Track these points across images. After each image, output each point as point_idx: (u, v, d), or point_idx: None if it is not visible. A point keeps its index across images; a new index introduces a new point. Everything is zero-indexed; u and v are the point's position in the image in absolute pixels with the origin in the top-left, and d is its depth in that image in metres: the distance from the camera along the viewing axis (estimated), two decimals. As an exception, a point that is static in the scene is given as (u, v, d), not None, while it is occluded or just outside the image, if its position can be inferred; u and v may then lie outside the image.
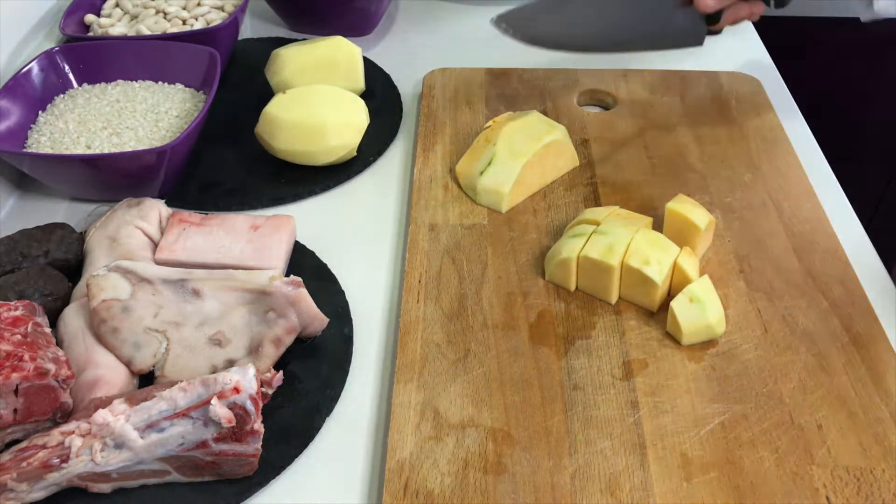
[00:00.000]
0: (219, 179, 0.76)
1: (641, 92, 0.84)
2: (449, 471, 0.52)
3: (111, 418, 0.50)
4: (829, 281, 0.64)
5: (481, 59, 0.90)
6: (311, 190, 0.75)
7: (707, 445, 0.54)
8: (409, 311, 0.62)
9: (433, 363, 0.59)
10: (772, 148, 0.77)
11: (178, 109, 0.77)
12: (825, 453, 0.53)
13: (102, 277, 0.58)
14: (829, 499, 0.51)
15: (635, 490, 0.51)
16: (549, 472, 0.52)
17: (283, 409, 0.56)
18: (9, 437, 0.53)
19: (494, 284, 0.64)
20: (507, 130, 0.72)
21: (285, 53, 0.82)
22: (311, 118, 0.73)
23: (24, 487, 0.49)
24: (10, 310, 0.55)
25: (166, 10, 0.87)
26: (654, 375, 0.58)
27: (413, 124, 0.83)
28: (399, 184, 0.77)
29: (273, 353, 0.57)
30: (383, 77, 0.88)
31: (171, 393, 0.50)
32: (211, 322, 0.58)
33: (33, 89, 0.76)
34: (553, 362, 0.59)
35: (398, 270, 0.68)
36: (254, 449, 0.51)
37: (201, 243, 0.65)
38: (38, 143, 0.73)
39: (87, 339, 0.57)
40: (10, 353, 0.51)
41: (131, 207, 0.67)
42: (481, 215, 0.70)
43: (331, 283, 0.65)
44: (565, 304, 0.63)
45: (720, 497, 0.51)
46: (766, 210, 0.70)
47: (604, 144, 0.78)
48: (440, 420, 0.55)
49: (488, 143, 0.71)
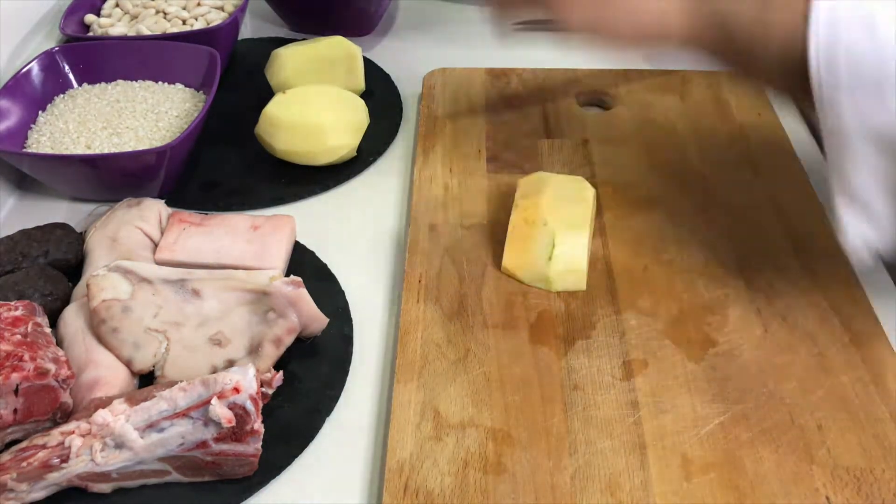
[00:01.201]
0: (219, 179, 0.76)
1: (641, 92, 0.84)
2: (449, 471, 0.52)
3: (111, 418, 0.50)
4: (829, 281, 0.64)
5: (481, 59, 0.90)
6: (311, 190, 0.75)
7: (707, 445, 0.54)
8: (409, 311, 0.62)
9: (433, 363, 0.59)
10: (772, 148, 0.77)
11: (178, 109, 0.77)
12: (825, 453, 0.53)
13: (102, 277, 0.58)
14: (829, 499, 0.51)
15: (635, 490, 0.51)
16: (549, 473, 0.52)
17: (283, 409, 0.56)
18: (9, 437, 0.53)
19: (494, 284, 0.64)
20: (548, 204, 0.64)
21: (285, 53, 0.82)
22: (311, 118, 0.73)
23: (24, 487, 0.49)
24: (10, 310, 0.55)
25: (166, 10, 0.87)
26: (654, 375, 0.58)
27: (413, 124, 0.84)
28: (399, 184, 0.77)
29: (273, 353, 0.57)
30: (383, 77, 0.88)
31: (171, 393, 0.50)
32: (211, 322, 0.58)
33: (33, 89, 0.76)
34: (553, 362, 0.59)
35: (398, 270, 0.68)
36: (254, 449, 0.51)
37: (201, 243, 0.65)
38: (38, 143, 0.73)
39: (87, 339, 0.57)
40: (10, 353, 0.51)
41: (131, 207, 0.67)
42: (481, 215, 0.70)
43: (331, 283, 0.65)
44: (565, 304, 0.63)
45: (720, 497, 0.51)
46: (766, 210, 0.70)
47: (604, 144, 0.78)
48: (440, 420, 0.55)
49: (536, 225, 0.63)
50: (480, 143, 0.78)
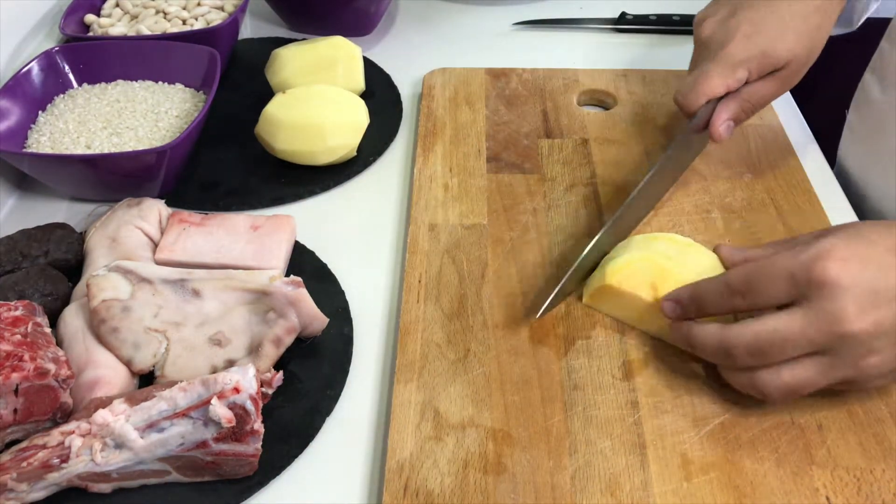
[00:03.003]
0: (219, 179, 0.76)
1: (641, 92, 0.84)
2: (449, 471, 0.52)
3: (111, 418, 0.50)
4: (829, 281, 0.64)
5: (481, 59, 0.90)
6: (311, 190, 0.75)
7: (707, 445, 0.54)
8: (409, 311, 0.62)
9: (433, 363, 0.59)
10: (772, 148, 0.77)
11: (178, 109, 0.77)
12: (825, 453, 0.53)
13: (102, 277, 0.58)
14: (829, 499, 0.51)
15: (635, 490, 0.51)
16: (550, 473, 0.52)
17: (283, 409, 0.56)
18: (9, 437, 0.53)
19: (494, 284, 0.64)
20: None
21: (285, 53, 0.82)
22: (311, 118, 0.73)
23: (24, 487, 0.49)
24: (10, 310, 0.55)
25: (166, 10, 0.87)
26: (654, 375, 0.58)
27: (413, 124, 0.84)
28: (399, 184, 0.77)
29: (273, 353, 0.57)
30: (383, 77, 0.88)
31: (171, 393, 0.51)
32: (211, 322, 0.58)
33: (33, 89, 0.76)
34: (553, 362, 0.59)
35: (398, 270, 0.68)
36: (254, 449, 0.51)
37: (201, 243, 0.65)
38: (38, 143, 0.73)
39: (87, 339, 0.57)
40: (10, 353, 0.51)
41: (131, 207, 0.67)
42: (481, 215, 0.70)
43: (331, 283, 0.65)
44: (565, 304, 0.63)
45: (720, 497, 0.51)
46: (766, 210, 0.70)
47: (604, 144, 0.78)
48: (440, 420, 0.55)
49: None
50: (480, 143, 0.78)
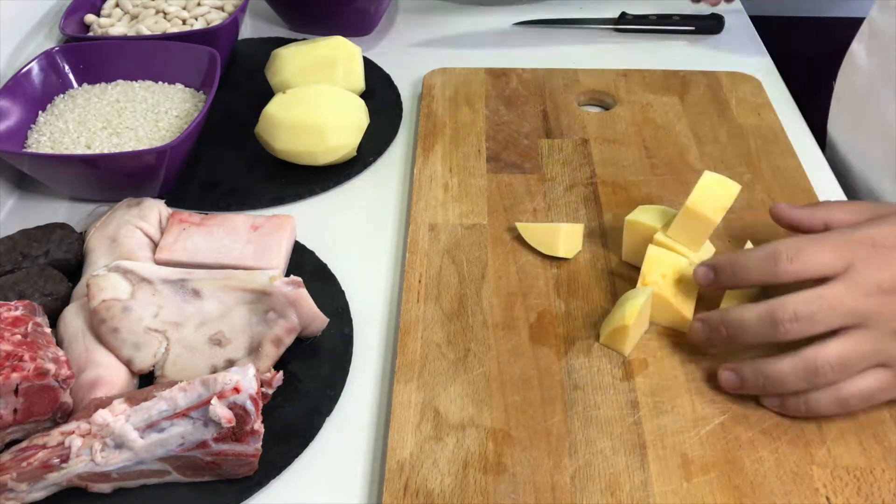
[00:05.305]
0: (219, 179, 0.76)
1: (641, 92, 0.84)
2: (449, 471, 0.52)
3: (111, 418, 0.50)
4: (829, 281, 0.64)
5: (481, 59, 0.90)
6: (311, 190, 0.75)
7: (707, 445, 0.54)
8: (409, 311, 0.62)
9: (433, 363, 0.59)
10: (772, 148, 0.77)
11: (178, 109, 0.77)
12: (825, 453, 0.53)
13: (102, 277, 0.58)
14: (829, 499, 0.51)
15: (635, 490, 0.51)
16: (550, 473, 0.52)
17: (283, 409, 0.56)
18: (9, 437, 0.53)
19: (494, 284, 0.64)
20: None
21: (285, 53, 0.82)
22: (311, 118, 0.73)
23: (24, 487, 0.49)
24: (10, 310, 0.55)
25: (166, 10, 0.87)
26: (654, 375, 0.58)
27: (413, 124, 0.84)
28: (399, 184, 0.77)
29: (273, 353, 0.57)
30: (383, 77, 0.88)
31: (171, 393, 0.50)
32: (211, 322, 0.58)
33: (33, 89, 0.76)
34: (553, 362, 0.59)
35: (398, 270, 0.68)
36: (254, 449, 0.51)
37: (201, 243, 0.65)
38: (38, 143, 0.73)
39: (87, 339, 0.57)
40: (10, 353, 0.51)
41: (131, 207, 0.67)
42: (481, 215, 0.70)
43: (331, 283, 0.65)
44: (565, 304, 0.63)
45: (720, 497, 0.51)
46: (766, 210, 0.70)
47: (604, 144, 0.78)
48: (440, 420, 0.55)
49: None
50: (480, 143, 0.78)
